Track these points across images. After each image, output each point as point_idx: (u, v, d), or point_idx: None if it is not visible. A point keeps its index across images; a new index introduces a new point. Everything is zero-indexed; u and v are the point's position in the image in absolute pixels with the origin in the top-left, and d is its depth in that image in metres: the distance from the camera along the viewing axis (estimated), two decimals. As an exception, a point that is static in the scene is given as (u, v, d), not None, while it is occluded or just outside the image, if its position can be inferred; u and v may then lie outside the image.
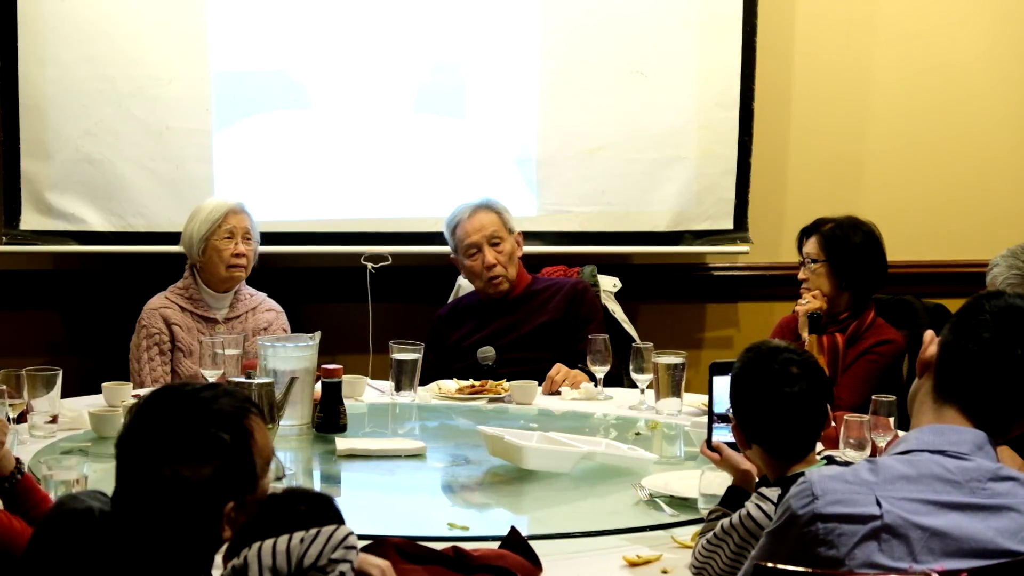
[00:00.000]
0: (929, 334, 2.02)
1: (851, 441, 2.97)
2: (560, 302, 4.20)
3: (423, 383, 3.79)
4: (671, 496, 2.70)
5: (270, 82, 4.72)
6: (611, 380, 3.88)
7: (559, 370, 3.90)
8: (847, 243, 3.81)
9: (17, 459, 2.42)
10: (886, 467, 1.89)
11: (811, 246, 3.85)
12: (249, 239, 4.12)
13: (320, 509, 2.03)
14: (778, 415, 2.22)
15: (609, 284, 4.63)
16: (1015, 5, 5.13)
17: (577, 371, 3.91)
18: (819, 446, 2.66)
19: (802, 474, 1.94)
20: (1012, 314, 1.94)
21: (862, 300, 3.82)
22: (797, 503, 1.87)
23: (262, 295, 4.24)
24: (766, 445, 2.25)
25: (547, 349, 4.05)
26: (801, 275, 3.86)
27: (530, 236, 4.54)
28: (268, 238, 4.32)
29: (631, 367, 3.66)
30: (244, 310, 4.15)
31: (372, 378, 3.90)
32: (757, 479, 2.36)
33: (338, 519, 2.03)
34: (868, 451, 2.94)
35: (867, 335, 3.76)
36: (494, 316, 4.21)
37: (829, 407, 2.30)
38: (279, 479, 2.77)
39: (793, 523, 1.88)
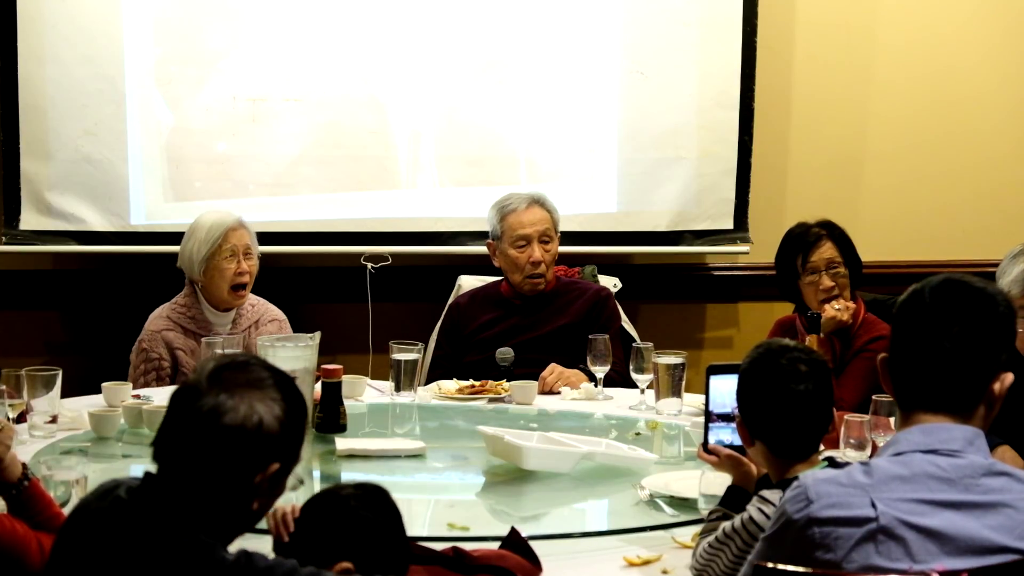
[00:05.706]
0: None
1: (851, 441, 2.97)
2: (582, 306, 4.15)
3: (433, 370, 3.76)
4: (671, 496, 2.70)
5: (270, 81, 4.72)
6: (611, 383, 3.86)
7: (552, 370, 3.88)
8: (852, 243, 3.79)
9: (24, 464, 2.41)
10: (880, 469, 1.89)
11: (830, 251, 3.74)
12: (250, 254, 4.03)
13: (381, 515, 2.03)
14: (783, 412, 2.22)
15: (609, 284, 4.62)
16: (1015, 4, 5.13)
17: (573, 371, 3.90)
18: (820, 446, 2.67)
19: (804, 476, 1.94)
20: (928, 311, 1.96)
21: (853, 298, 3.80)
22: (792, 508, 1.87)
23: (264, 304, 4.15)
24: (769, 442, 2.24)
25: (562, 352, 3.99)
26: (826, 283, 3.72)
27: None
28: (268, 238, 4.31)
29: (631, 367, 3.66)
30: (247, 324, 4.06)
31: (372, 378, 3.89)
32: (757, 478, 2.35)
33: (399, 531, 2.04)
34: (868, 451, 2.94)
35: (860, 333, 3.73)
36: (514, 312, 4.16)
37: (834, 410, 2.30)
38: (295, 488, 2.74)
39: (789, 528, 1.88)
